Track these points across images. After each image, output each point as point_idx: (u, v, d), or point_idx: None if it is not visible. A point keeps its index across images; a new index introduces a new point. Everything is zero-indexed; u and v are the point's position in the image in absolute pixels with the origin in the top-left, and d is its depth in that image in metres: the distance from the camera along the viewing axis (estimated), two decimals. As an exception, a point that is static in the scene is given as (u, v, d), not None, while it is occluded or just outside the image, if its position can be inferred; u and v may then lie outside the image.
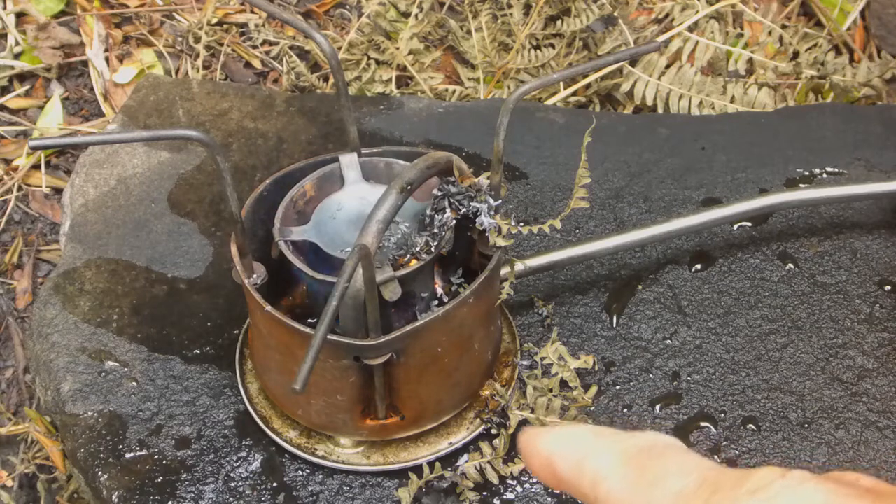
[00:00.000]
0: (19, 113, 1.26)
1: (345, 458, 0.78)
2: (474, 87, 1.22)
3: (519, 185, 0.99)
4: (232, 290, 0.89)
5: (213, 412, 0.82)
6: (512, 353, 0.84)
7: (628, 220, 0.96)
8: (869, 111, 1.10)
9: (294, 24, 0.75)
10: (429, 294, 0.75)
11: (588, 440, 0.44)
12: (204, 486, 0.77)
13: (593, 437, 0.44)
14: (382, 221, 0.65)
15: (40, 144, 0.62)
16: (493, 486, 0.77)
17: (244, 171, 1.00)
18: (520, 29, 1.22)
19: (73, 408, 0.82)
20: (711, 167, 1.01)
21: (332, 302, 0.57)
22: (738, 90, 1.16)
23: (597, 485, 0.42)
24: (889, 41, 1.26)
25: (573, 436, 0.45)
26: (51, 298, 0.89)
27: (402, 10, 1.28)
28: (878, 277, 0.92)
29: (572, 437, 0.44)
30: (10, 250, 1.15)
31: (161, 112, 1.06)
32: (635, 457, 0.42)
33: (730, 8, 1.26)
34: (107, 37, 1.30)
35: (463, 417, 0.80)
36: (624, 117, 1.11)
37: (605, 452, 0.42)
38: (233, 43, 1.29)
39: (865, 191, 0.94)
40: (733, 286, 0.91)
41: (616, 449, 0.42)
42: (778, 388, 0.84)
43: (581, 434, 0.44)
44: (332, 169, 0.77)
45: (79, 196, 0.98)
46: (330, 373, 0.71)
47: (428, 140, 1.03)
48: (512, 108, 0.68)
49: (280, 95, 1.09)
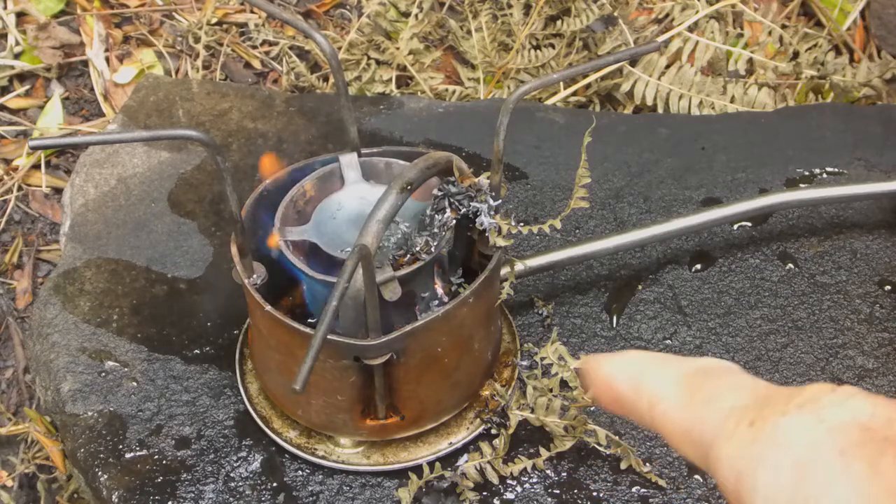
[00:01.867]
0: (19, 113, 1.26)
1: (345, 458, 0.78)
2: (474, 87, 1.22)
3: (519, 185, 0.99)
4: (232, 290, 0.89)
5: (213, 412, 0.82)
6: (512, 353, 0.84)
7: (628, 220, 0.96)
8: (869, 111, 1.10)
9: (294, 24, 0.75)
10: (429, 294, 0.75)
11: (645, 364, 0.46)
12: (204, 486, 0.77)
13: (651, 361, 0.46)
14: (382, 221, 0.65)
15: (40, 144, 0.62)
16: (493, 486, 0.77)
17: (244, 171, 1.00)
18: (520, 29, 1.22)
19: (73, 408, 0.82)
20: (711, 167, 1.01)
21: (332, 302, 0.57)
22: (738, 90, 1.16)
23: (653, 405, 0.43)
24: (889, 41, 1.26)
25: (632, 361, 0.47)
26: (51, 298, 0.89)
27: (402, 10, 1.28)
28: (878, 277, 0.92)
29: (631, 362, 0.46)
30: (10, 250, 1.15)
31: (161, 112, 1.06)
32: (690, 377, 0.43)
33: (730, 8, 1.26)
34: (107, 37, 1.30)
35: (463, 417, 0.80)
36: (624, 117, 1.11)
37: (662, 374, 0.44)
38: (233, 43, 1.29)
39: (865, 191, 0.94)
40: (733, 286, 0.91)
41: (672, 370, 0.44)
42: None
43: (639, 359, 0.47)
44: (332, 169, 0.77)
45: (79, 196, 0.98)
46: (330, 373, 0.71)
47: (428, 140, 1.03)
48: (512, 108, 0.68)
49: (280, 95, 1.09)
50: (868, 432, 0.35)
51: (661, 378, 0.44)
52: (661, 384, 0.44)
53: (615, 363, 0.47)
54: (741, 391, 0.41)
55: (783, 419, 0.37)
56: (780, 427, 0.37)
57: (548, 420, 0.77)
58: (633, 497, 0.77)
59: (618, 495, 0.77)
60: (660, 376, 0.44)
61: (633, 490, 0.78)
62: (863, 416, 0.36)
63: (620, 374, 0.46)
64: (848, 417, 0.36)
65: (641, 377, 0.45)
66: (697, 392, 0.42)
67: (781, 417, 0.37)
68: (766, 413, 0.38)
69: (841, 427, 0.36)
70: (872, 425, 0.35)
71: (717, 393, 0.41)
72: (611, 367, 0.47)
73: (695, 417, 0.41)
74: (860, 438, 0.35)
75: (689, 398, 0.42)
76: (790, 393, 0.39)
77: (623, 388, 0.46)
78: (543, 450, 0.77)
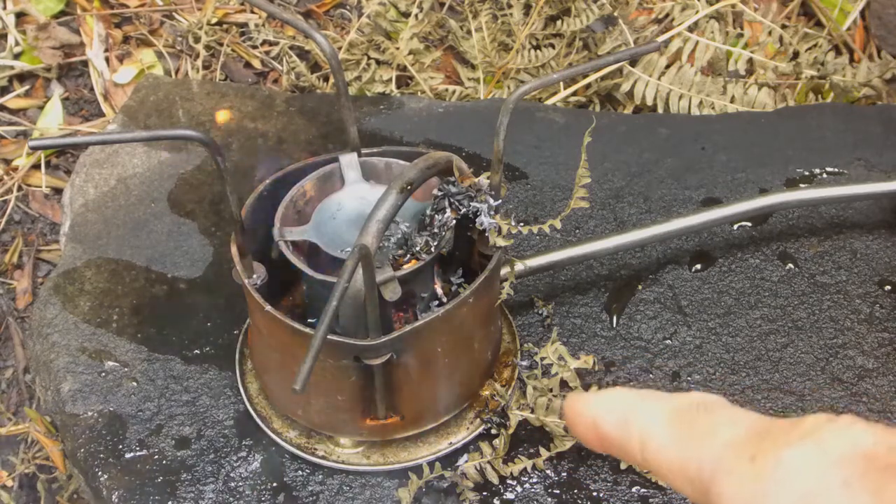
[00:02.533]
0: (19, 113, 1.26)
1: (345, 458, 0.78)
2: (474, 87, 1.22)
3: (519, 185, 0.99)
4: (232, 290, 0.89)
5: (213, 412, 0.82)
6: (512, 353, 0.84)
7: (628, 220, 0.96)
8: (869, 111, 1.10)
9: (294, 24, 0.75)
10: (429, 294, 0.75)
11: (633, 401, 0.44)
12: (204, 486, 0.77)
13: (638, 398, 0.44)
14: (382, 221, 0.65)
15: (40, 144, 0.62)
16: (493, 486, 0.77)
17: (244, 171, 1.00)
18: (520, 29, 1.22)
19: (73, 408, 0.82)
20: (711, 167, 1.01)
21: (332, 302, 0.57)
22: (738, 90, 1.16)
23: (645, 443, 0.42)
24: (889, 41, 1.26)
25: (617, 399, 0.45)
26: (51, 298, 0.89)
27: (402, 10, 1.28)
28: (878, 277, 0.92)
29: (616, 400, 0.45)
30: (10, 250, 1.15)
31: (161, 112, 1.06)
32: (683, 413, 0.42)
33: (730, 8, 1.26)
34: (107, 37, 1.30)
35: (463, 417, 0.80)
36: (624, 117, 1.11)
37: (652, 411, 0.43)
38: (233, 43, 1.29)
39: (865, 191, 0.94)
40: (733, 286, 0.91)
41: (663, 407, 0.43)
42: (778, 388, 0.84)
43: (626, 396, 0.45)
44: (332, 169, 0.77)
45: (79, 196, 0.98)
46: (330, 373, 0.71)
47: (428, 140, 1.03)
48: (512, 108, 0.68)
49: (280, 95, 1.09)
50: (871, 462, 0.35)
51: (650, 415, 0.43)
52: (651, 421, 0.42)
53: (601, 403, 0.45)
54: (736, 424, 0.40)
55: (785, 452, 0.37)
56: (783, 461, 0.36)
57: (548, 420, 0.77)
58: (633, 497, 0.77)
59: (618, 495, 0.77)
60: (649, 413, 0.43)
61: (633, 490, 0.78)
62: (865, 445, 0.36)
63: (607, 414, 0.44)
64: (850, 447, 0.36)
65: (629, 415, 0.43)
66: (690, 427, 0.41)
67: (784, 451, 0.37)
68: (767, 446, 0.37)
69: (844, 458, 0.35)
70: (875, 454, 0.35)
71: (712, 427, 0.40)
72: (597, 408, 0.45)
73: (690, 453, 0.40)
74: (863, 468, 0.35)
75: (683, 434, 0.41)
76: (788, 425, 0.38)
77: (610, 429, 0.44)
78: (543, 450, 0.77)
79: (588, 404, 0.46)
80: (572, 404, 0.46)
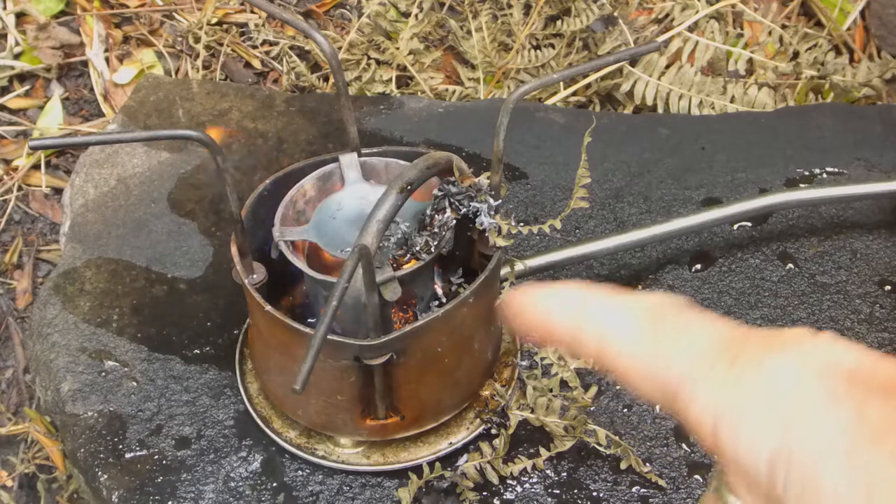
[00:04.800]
0: (19, 113, 1.26)
1: (345, 458, 0.78)
2: (474, 87, 1.22)
3: (519, 185, 0.99)
4: (232, 290, 0.89)
5: (213, 412, 0.82)
6: (512, 353, 0.84)
7: (628, 220, 0.96)
8: (869, 111, 1.10)
9: (294, 24, 0.75)
10: (429, 294, 0.75)
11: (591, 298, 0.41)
12: (204, 486, 0.77)
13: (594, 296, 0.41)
14: (382, 221, 0.65)
15: (40, 144, 0.62)
16: (493, 486, 0.77)
17: (244, 171, 1.00)
18: (520, 29, 1.22)
19: (73, 408, 0.82)
20: (711, 167, 1.01)
21: (332, 302, 0.57)
22: (738, 90, 1.16)
23: (604, 343, 0.40)
24: (889, 41, 1.26)
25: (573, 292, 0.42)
26: (51, 298, 0.89)
27: (402, 10, 1.28)
28: (878, 277, 0.92)
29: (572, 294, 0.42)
30: (10, 250, 1.15)
31: (161, 112, 1.06)
32: (647, 316, 0.39)
33: (730, 8, 1.26)
34: (107, 37, 1.30)
35: (463, 417, 0.80)
36: (624, 117, 1.11)
37: (614, 309, 0.40)
38: (233, 43, 1.29)
39: (865, 191, 0.94)
40: (733, 286, 0.91)
41: (627, 305, 0.40)
42: (778, 388, 0.84)
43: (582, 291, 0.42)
44: (332, 169, 0.77)
45: (79, 196, 0.98)
46: (330, 373, 0.71)
47: (428, 140, 1.03)
48: (512, 108, 0.68)
49: (280, 95, 1.09)
50: (853, 377, 0.34)
51: (611, 313, 0.40)
52: (612, 320, 0.39)
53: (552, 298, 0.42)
54: (710, 328, 0.38)
55: (767, 360, 0.35)
56: (765, 368, 0.35)
57: (548, 420, 0.77)
58: (633, 497, 0.77)
59: (618, 495, 0.77)
60: (610, 311, 0.40)
61: (633, 490, 0.78)
62: (847, 361, 0.35)
63: (560, 309, 0.41)
64: (833, 361, 0.35)
65: (585, 314, 0.40)
66: (658, 328, 0.38)
67: (766, 358, 0.35)
68: (747, 353, 0.36)
69: (828, 370, 0.34)
70: (857, 371, 0.34)
71: (683, 329, 0.38)
72: (548, 301, 0.42)
73: (658, 356, 0.38)
74: (846, 383, 0.34)
75: (649, 335, 0.38)
76: (768, 334, 0.37)
77: (562, 327, 0.41)
78: (543, 450, 0.77)
79: (539, 300, 0.42)
80: (518, 295, 0.43)
